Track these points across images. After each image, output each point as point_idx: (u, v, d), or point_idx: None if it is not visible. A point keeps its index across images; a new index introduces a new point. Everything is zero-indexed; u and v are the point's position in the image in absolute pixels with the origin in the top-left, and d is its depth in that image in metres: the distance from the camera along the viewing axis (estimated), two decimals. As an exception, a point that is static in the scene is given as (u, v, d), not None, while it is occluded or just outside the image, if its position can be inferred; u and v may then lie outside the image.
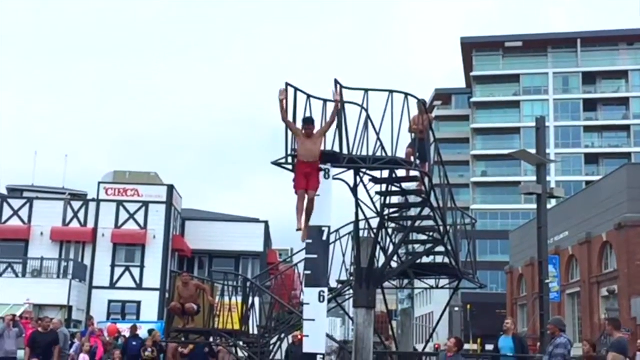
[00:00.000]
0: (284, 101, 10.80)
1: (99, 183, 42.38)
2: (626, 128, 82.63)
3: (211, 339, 15.83)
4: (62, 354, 18.00)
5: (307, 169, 10.42)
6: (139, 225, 41.32)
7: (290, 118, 10.97)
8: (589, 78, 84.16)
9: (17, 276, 38.44)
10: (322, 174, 11.30)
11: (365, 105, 11.68)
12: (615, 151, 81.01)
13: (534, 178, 20.25)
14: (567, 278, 48.23)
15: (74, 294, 37.83)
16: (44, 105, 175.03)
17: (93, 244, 40.92)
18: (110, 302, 40.06)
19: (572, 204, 48.22)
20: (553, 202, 44.41)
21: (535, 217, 19.89)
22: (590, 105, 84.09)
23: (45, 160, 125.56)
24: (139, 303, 40.19)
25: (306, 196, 10.55)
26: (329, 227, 11.45)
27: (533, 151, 19.55)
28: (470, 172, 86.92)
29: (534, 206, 20.01)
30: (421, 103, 12.86)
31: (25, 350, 16.62)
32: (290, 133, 11.47)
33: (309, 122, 10.56)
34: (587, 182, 66.19)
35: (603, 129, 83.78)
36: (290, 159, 11.92)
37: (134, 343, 19.46)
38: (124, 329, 24.60)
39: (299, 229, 10.48)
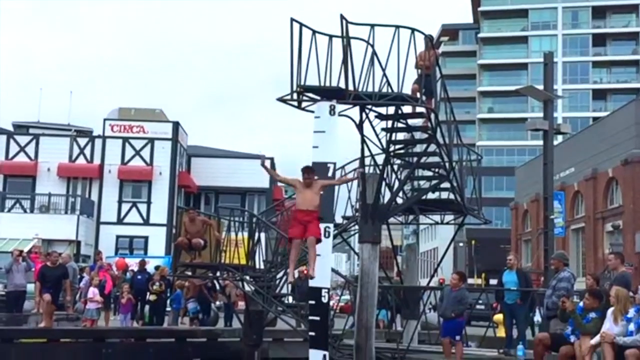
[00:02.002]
0: (267, 169, 10.85)
1: (105, 120, 42.36)
2: (635, 63, 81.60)
3: (218, 274, 16.02)
4: (72, 288, 18.31)
5: (306, 217, 9.78)
6: (144, 161, 41.46)
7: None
8: (599, 12, 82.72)
9: (25, 212, 38.81)
10: (327, 111, 11.24)
11: (371, 41, 11.54)
12: (623, 87, 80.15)
13: (541, 114, 20.13)
14: (572, 214, 48.46)
15: (81, 229, 38.24)
16: (48, 40, 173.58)
17: (100, 180, 41.15)
18: (117, 237, 40.51)
19: (578, 140, 48.07)
20: (559, 139, 44.20)
21: (541, 153, 19.86)
22: (600, 40, 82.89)
23: (50, 97, 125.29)
24: (146, 238, 40.65)
25: (308, 242, 9.95)
26: (335, 164, 11.45)
27: (540, 87, 19.37)
28: (477, 108, 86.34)
29: (540, 142, 19.95)
30: (428, 39, 12.70)
31: (35, 284, 16.87)
32: (295, 68, 11.38)
33: (309, 170, 10.00)
34: (595, 118, 65.77)
35: (612, 65, 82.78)
36: (295, 95, 11.86)
37: (139, 277, 19.75)
38: (132, 263, 24.94)
39: (290, 282, 10.32)
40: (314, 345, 10.83)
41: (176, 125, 42.48)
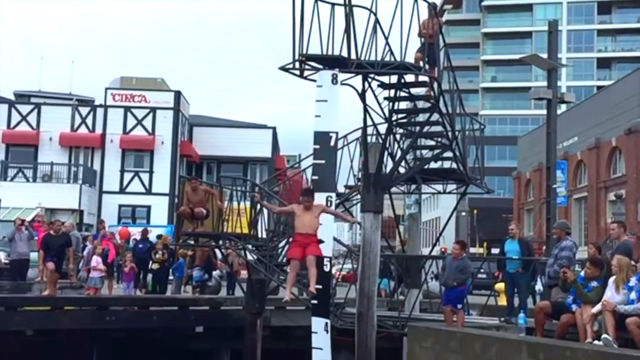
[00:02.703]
0: (263, 204, 10.84)
1: (106, 89, 42.19)
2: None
3: (220, 243, 16.06)
4: (75, 256, 18.38)
5: (305, 240, 9.82)
6: (146, 131, 41.39)
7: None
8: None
9: (27, 181, 38.84)
10: (329, 80, 11.17)
11: (373, 9, 11.43)
12: (628, 55, 79.49)
13: (545, 83, 20.03)
14: (575, 183, 48.43)
15: (84, 199, 38.29)
16: (49, 8, 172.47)
17: (102, 150, 41.12)
18: (120, 206, 40.59)
19: (582, 109, 47.86)
20: (563, 108, 44.05)
21: (545, 122, 19.78)
22: (605, 8, 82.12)
23: (51, 66, 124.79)
24: (148, 207, 40.73)
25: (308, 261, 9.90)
26: (337, 133, 11.41)
27: (544, 56, 19.24)
28: (480, 77, 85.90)
29: (544, 112, 19.86)
30: (431, 6, 12.59)
31: (39, 253, 16.92)
32: (298, 37, 11.29)
33: (308, 193, 10.07)
34: (599, 87, 65.43)
35: (617, 33, 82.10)
36: (297, 64, 11.78)
37: (140, 246, 19.82)
38: (135, 232, 25.01)
39: (285, 301, 10.28)
40: (316, 313, 10.88)
41: (178, 95, 42.32)
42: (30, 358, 14.91)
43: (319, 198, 11.03)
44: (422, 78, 12.83)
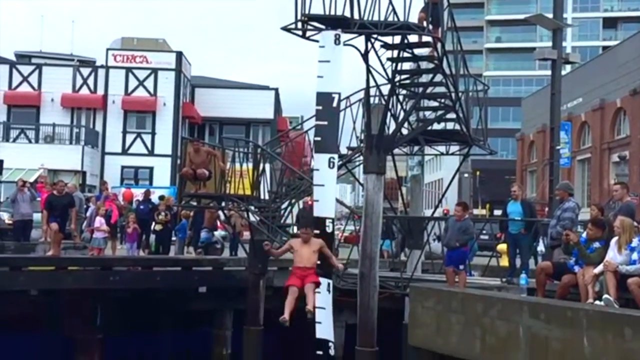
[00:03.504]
0: (270, 251, 10.95)
1: (107, 49, 41.95)
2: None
3: (223, 204, 16.08)
4: (78, 217, 18.43)
5: (304, 273, 10.21)
6: (148, 92, 41.24)
7: None
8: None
9: (30, 142, 38.83)
10: (332, 41, 11.07)
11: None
12: (635, 15, 78.61)
13: (550, 44, 19.83)
14: (578, 144, 48.30)
15: (87, 160, 38.31)
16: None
17: (104, 111, 41.03)
18: (123, 167, 40.64)
19: (587, 69, 47.48)
20: (568, 68, 43.72)
21: (549, 83, 19.64)
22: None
23: (52, 26, 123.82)
24: (151, 169, 40.78)
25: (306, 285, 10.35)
26: (339, 94, 11.34)
27: (550, 15, 19.02)
28: (484, 38, 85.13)
29: (548, 72, 19.72)
30: (435, -35, 12.39)
31: (43, 213, 16.95)
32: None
33: (307, 225, 10.31)
34: (604, 48, 64.84)
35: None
36: (300, 24, 11.66)
37: (142, 207, 19.85)
38: (138, 193, 25.03)
39: (283, 320, 10.36)
40: (318, 273, 10.93)
41: (179, 56, 42.06)
42: (35, 317, 15.05)
43: (322, 159, 11.01)
44: (425, 38, 12.70)
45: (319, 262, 10.73)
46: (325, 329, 10.87)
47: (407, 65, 14.43)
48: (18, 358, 14.98)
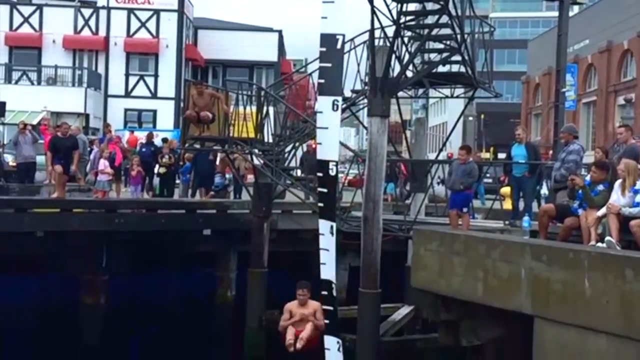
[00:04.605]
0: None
1: (108, -11, 41.41)
2: None
3: (227, 147, 16.06)
4: (82, 159, 18.45)
5: (300, 328, 10.77)
6: (150, 34, 40.84)
7: None
8: None
9: (32, 84, 38.64)
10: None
11: None
12: (644, -45, 77.18)
13: (558, -16, 19.49)
14: (584, 87, 47.93)
15: (89, 102, 38.18)
16: None
17: (106, 53, 40.71)
18: (126, 110, 40.53)
19: (594, 11, 46.80)
20: (575, 9, 43.07)
21: (556, 25, 19.38)
22: None
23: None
24: (154, 112, 40.66)
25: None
26: (343, 36, 11.18)
27: (558, -46, 18.65)
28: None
29: (555, 14, 19.47)
30: None
31: (47, 154, 16.94)
32: None
33: (303, 287, 10.57)
34: (612, -11, 63.73)
35: None
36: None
37: (144, 149, 19.85)
38: (142, 137, 25.01)
39: (289, 345, 10.42)
40: (322, 216, 10.97)
41: (182, -4, 41.54)
42: (41, 259, 15.21)
43: (325, 101, 10.93)
44: (431, -22, 12.49)
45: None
46: (328, 270, 10.96)
47: (412, 7, 14.22)
48: (24, 299, 15.21)
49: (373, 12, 12.70)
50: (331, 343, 10.11)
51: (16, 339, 14.28)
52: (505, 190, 15.57)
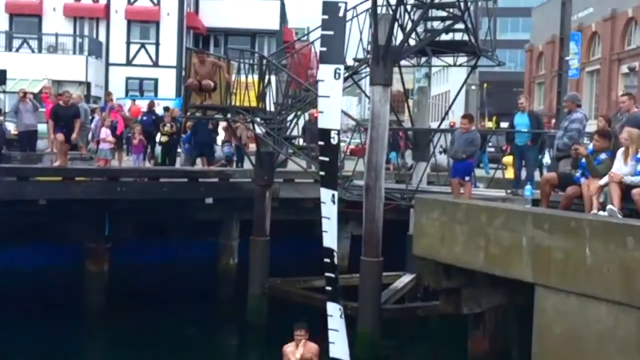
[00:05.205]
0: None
1: (109, -44, 40.98)
2: None
3: (229, 115, 16.03)
4: (83, 128, 18.41)
5: None
6: (151, 1, 40.49)
7: None
8: None
9: (33, 52, 38.43)
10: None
11: None
12: None
13: (562, -50, 19.28)
14: (588, 56, 47.64)
15: (91, 70, 37.98)
16: None
17: (107, 21, 40.39)
18: (127, 79, 40.34)
19: (600, -22, 46.36)
20: (580, -23, 42.65)
21: (560, -8, 19.18)
22: None
23: None
24: (156, 80, 40.46)
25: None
26: (346, 3, 11.07)
27: None
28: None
29: (560, -19, 19.23)
30: None
31: (49, 123, 16.90)
32: None
33: (300, 327, 10.54)
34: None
35: None
36: None
37: (145, 118, 19.81)
38: (144, 106, 24.93)
39: None
40: (324, 184, 10.98)
41: (183, -37, 41.10)
42: (44, 227, 15.29)
43: (327, 70, 10.87)
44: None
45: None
46: (330, 238, 11.00)
47: (415, -27, 14.10)
48: (28, 267, 15.32)
49: (376, -21, 12.60)
50: (333, 310, 10.18)
51: (21, 305, 14.40)
52: (508, 159, 15.57)
